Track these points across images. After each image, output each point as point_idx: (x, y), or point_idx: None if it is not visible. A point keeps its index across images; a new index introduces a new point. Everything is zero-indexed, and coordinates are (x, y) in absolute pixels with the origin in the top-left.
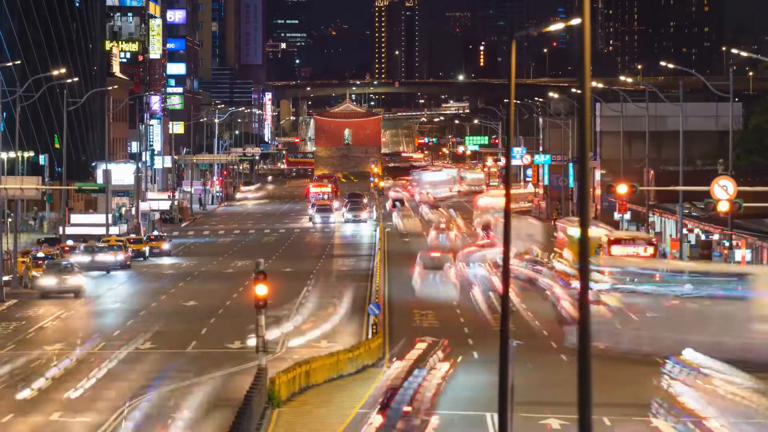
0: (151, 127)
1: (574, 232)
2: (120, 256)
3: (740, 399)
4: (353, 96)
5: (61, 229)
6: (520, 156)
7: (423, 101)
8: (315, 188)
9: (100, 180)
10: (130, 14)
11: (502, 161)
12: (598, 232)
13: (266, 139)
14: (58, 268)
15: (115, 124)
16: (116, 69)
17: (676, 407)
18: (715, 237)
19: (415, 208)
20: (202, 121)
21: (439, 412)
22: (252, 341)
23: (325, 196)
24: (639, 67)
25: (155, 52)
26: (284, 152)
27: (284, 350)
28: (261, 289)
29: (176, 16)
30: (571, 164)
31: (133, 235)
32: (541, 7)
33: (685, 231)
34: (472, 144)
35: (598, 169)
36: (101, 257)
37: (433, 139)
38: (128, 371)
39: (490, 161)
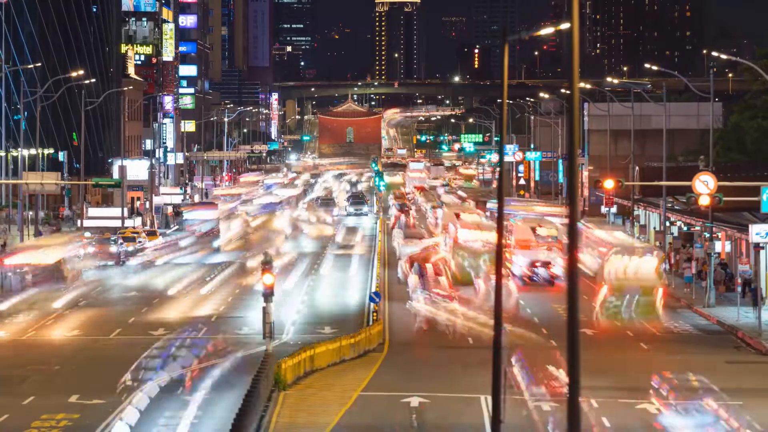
0: (164, 125)
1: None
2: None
3: None
4: (355, 96)
5: (79, 222)
6: (512, 153)
7: (421, 101)
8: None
9: (116, 175)
10: (144, 19)
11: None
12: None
13: (273, 137)
14: None
15: (130, 122)
16: (131, 71)
17: None
18: (697, 229)
19: None
20: (212, 120)
21: None
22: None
23: None
24: (625, 68)
25: (168, 55)
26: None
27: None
28: (268, 279)
29: (188, 20)
30: (560, 161)
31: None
32: (533, 12)
33: (668, 224)
34: (467, 141)
35: (585, 166)
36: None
37: (431, 137)
38: None
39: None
